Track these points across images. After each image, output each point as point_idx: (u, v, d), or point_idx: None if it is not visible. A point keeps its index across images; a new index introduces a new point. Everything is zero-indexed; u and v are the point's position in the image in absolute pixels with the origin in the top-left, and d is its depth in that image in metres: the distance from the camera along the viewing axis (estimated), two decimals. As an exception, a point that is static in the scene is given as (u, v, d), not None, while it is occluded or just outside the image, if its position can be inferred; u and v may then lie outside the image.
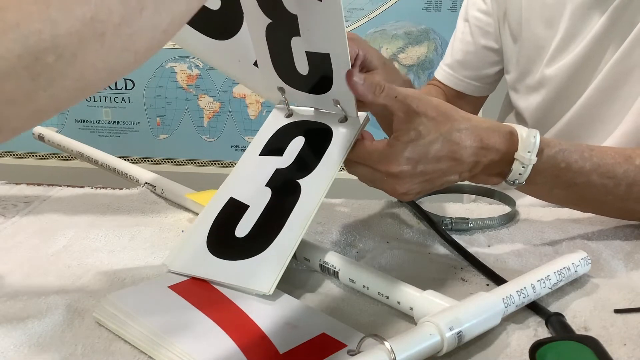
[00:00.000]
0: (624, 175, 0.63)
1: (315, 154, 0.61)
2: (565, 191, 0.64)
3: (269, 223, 0.57)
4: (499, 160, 0.60)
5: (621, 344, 0.48)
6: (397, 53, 1.79)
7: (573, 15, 0.83)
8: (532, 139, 0.60)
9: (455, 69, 1.02)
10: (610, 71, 0.82)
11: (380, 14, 1.76)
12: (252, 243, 0.57)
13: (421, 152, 0.57)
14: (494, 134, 0.60)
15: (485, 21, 0.97)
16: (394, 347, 0.42)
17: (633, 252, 0.64)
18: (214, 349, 0.46)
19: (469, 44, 0.99)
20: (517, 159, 0.60)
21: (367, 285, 0.55)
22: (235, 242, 0.57)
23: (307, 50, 0.57)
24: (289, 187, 0.59)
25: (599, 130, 0.85)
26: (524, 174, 0.61)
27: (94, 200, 0.78)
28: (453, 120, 0.58)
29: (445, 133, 0.57)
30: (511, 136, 0.60)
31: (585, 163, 0.62)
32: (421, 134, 0.57)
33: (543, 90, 0.89)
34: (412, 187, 0.59)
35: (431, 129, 0.57)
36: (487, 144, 0.59)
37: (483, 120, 0.61)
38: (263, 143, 0.64)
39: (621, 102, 0.83)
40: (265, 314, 0.50)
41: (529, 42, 0.90)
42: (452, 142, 0.58)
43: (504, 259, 0.63)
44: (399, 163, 0.57)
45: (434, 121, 0.57)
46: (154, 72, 1.88)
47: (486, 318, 0.48)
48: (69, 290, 0.57)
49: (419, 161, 0.57)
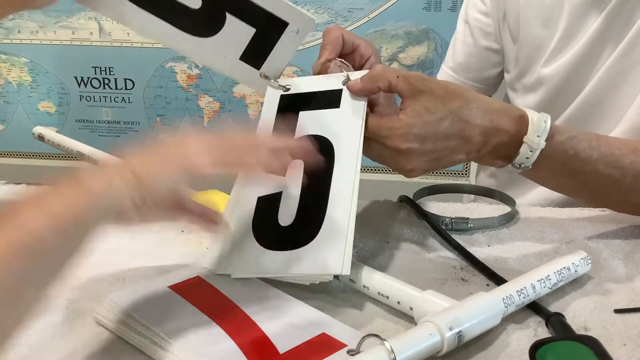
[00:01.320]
0: (631, 166, 0.63)
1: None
2: (570, 179, 0.64)
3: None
4: (507, 142, 0.60)
5: (621, 344, 0.48)
6: (397, 53, 1.79)
7: (571, 15, 0.83)
8: (543, 123, 0.59)
9: (457, 72, 1.01)
10: (608, 70, 0.82)
11: (380, 14, 1.76)
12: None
13: (430, 129, 0.57)
14: (504, 115, 0.59)
15: (486, 22, 0.97)
16: (394, 347, 0.42)
17: (633, 252, 0.64)
18: (214, 349, 0.46)
19: (470, 45, 0.99)
20: (526, 142, 0.59)
21: (367, 285, 0.55)
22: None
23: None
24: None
25: (597, 129, 0.85)
26: (531, 158, 0.60)
27: (94, 200, 0.78)
28: (463, 98, 0.58)
29: (456, 110, 0.57)
30: (522, 119, 0.60)
31: (592, 152, 0.62)
32: (430, 111, 0.57)
33: (541, 89, 0.89)
34: (420, 165, 0.59)
35: (439, 106, 0.57)
36: (497, 125, 0.59)
37: (494, 100, 0.61)
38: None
39: (619, 101, 0.83)
40: (265, 314, 0.50)
41: (527, 41, 0.90)
42: (462, 120, 0.57)
43: (504, 259, 0.63)
44: (408, 139, 0.57)
45: (442, 98, 0.57)
46: (154, 72, 1.88)
47: (486, 318, 0.48)
48: (69, 290, 0.57)
49: (427, 138, 0.57)
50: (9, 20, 1.84)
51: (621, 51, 0.80)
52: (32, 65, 1.89)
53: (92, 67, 1.87)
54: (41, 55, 1.88)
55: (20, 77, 1.90)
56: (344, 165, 0.57)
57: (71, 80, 1.89)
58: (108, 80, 1.88)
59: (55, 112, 1.93)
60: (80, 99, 1.91)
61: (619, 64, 0.81)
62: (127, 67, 1.86)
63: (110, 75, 1.88)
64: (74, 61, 1.87)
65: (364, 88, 0.60)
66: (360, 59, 0.69)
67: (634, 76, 0.81)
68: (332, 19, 1.75)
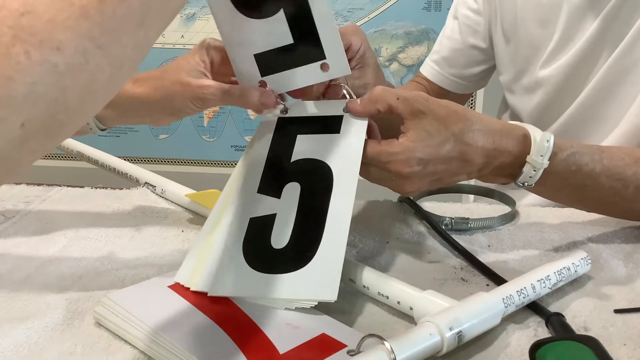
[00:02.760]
0: (634, 177, 0.63)
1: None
2: (573, 192, 0.64)
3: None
4: (510, 163, 0.60)
5: (621, 344, 0.48)
6: (397, 53, 1.79)
7: (570, 16, 0.83)
8: (546, 142, 0.59)
9: (441, 66, 1.01)
10: (607, 71, 0.82)
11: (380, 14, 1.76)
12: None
13: (432, 153, 0.56)
14: (507, 136, 0.59)
15: (475, 20, 0.97)
16: (394, 347, 0.42)
17: (633, 252, 0.64)
18: (214, 349, 0.46)
19: (456, 41, 0.99)
20: (529, 162, 0.59)
21: (367, 285, 0.55)
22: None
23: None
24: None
25: (597, 130, 0.85)
26: (534, 177, 0.60)
27: (94, 200, 0.78)
28: (465, 119, 0.57)
29: (458, 133, 0.57)
30: (525, 139, 0.59)
31: (595, 165, 0.62)
32: (431, 134, 0.56)
33: (540, 91, 0.89)
34: (421, 186, 0.59)
35: (441, 129, 0.56)
36: (499, 146, 0.58)
37: (496, 121, 0.61)
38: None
39: (619, 103, 0.83)
40: (265, 314, 0.50)
41: (525, 42, 0.90)
42: (463, 143, 0.57)
43: (504, 259, 0.63)
44: (411, 164, 0.56)
45: (444, 120, 0.57)
46: (154, 72, 1.88)
47: (486, 318, 0.48)
48: (69, 290, 0.57)
49: (429, 161, 0.57)
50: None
51: (620, 52, 0.80)
52: (32, 65, 1.89)
53: (92, 67, 1.87)
54: (41, 55, 1.87)
55: (20, 77, 1.90)
56: (343, 190, 0.56)
57: (71, 80, 1.89)
58: (108, 80, 1.88)
59: (55, 112, 1.93)
60: (80, 99, 1.91)
61: (618, 65, 0.81)
62: (127, 67, 1.86)
63: (110, 75, 1.88)
64: (74, 61, 1.87)
65: (363, 110, 0.59)
66: (352, 54, 0.67)
67: (633, 77, 0.81)
68: (332, 19, 1.75)
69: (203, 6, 1.78)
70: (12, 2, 0.30)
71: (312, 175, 0.58)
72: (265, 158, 0.61)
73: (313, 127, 0.62)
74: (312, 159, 0.59)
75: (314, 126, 0.62)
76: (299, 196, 0.57)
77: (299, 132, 0.62)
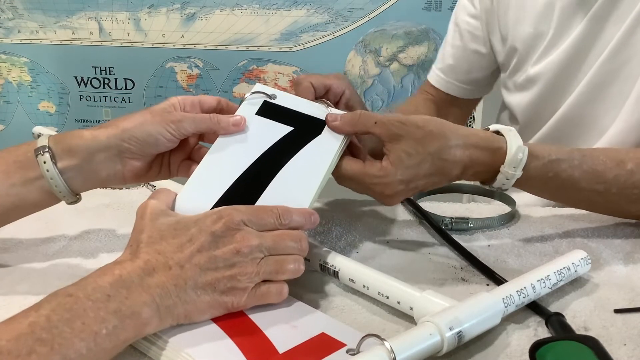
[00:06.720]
0: (615, 180, 0.64)
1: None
2: (555, 193, 0.67)
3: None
4: (485, 171, 0.62)
5: (621, 344, 0.48)
6: (397, 53, 1.79)
7: (561, 14, 0.85)
8: (520, 155, 0.61)
9: (446, 73, 1.03)
10: (598, 70, 0.83)
11: (380, 13, 1.76)
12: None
13: (412, 173, 0.60)
14: (482, 150, 0.61)
15: (474, 25, 0.98)
16: (394, 347, 0.42)
17: (633, 252, 0.64)
18: (213, 349, 0.46)
19: (459, 48, 1.01)
20: (502, 173, 0.62)
21: (367, 285, 0.55)
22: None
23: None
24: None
25: (591, 128, 0.86)
26: (507, 184, 0.63)
27: (93, 200, 0.78)
28: (441, 137, 0.60)
29: (435, 152, 0.59)
30: (499, 151, 0.62)
31: (574, 171, 0.63)
32: (410, 155, 0.59)
33: (533, 87, 0.90)
34: (403, 198, 0.63)
35: (419, 149, 0.59)
36: (475, 159, 0.61)
37: (474, 133, 0.62)
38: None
39: (612, 100, 0.83)
40: (265, 314, 0.50)
41: (519, 40, 0.91)
42: (441, 160, 0.60)
43: (504, 259, 0.63)
44: (393, 187, 0.60)
45: (421, 142, 0.59)
46: (154, 72, 1.88)
47: (486, 318, 0.48)
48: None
49: (411, 180, 0.60)
50: (9, 20, 1.84)
51: (610, 52, 0.82)
52: (32, 65, 1.89)
53: (92, 67, 1.87)
54: (41, 55, 1.88)
55: (20, 77, 1.90)
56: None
57: (71, 80, 1.89)
58: (108, 80, 1.88)
59: (55, 112, 1.93)
60: (80, 99, 1.91)
61: (609, 64, 0.82)
62: (127, 67, 1.86)
63: (110, 75, 1.88)
64: (74, 61, 1.87)
65: (341, 130, 0.61)
66: (334, 97, 0.69)
67: (625, 74, 0.82)
68: (332, 19, 1.75)
69: (203, 6, 1.78)
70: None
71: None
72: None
73: (296, 122, 0.63)
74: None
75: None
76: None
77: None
